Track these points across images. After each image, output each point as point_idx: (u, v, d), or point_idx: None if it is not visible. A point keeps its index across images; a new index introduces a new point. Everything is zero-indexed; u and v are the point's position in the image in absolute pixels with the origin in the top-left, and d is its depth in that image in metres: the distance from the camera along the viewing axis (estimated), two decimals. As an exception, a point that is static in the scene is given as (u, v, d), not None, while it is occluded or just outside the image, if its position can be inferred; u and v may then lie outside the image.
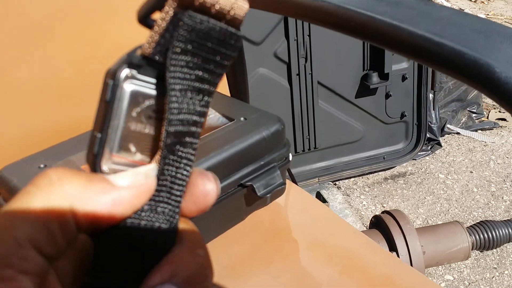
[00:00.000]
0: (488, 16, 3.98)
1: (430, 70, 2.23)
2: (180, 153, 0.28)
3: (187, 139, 0.28)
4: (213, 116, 0.89)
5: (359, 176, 2.42)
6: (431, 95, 2.39)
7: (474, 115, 2.80)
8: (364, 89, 2.19)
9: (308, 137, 2.18)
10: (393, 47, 0.43)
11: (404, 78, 2.21)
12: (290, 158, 0.88)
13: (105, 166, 0.27)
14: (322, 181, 2.27)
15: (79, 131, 0.84)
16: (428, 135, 2.40)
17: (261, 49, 2.01)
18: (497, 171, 2.46)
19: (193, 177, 0.29)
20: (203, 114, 0.28)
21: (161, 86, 0.27)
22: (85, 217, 0.25)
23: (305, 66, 2.06)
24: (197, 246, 0.28)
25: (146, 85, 0.27)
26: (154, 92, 0.27)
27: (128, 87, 0.27)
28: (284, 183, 0.86)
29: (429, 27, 0.39)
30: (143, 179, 0.27)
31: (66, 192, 0.25)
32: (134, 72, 0.27)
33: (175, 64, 0.26)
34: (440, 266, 1.92)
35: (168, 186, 0.28)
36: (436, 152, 2.58)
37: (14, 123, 0.81)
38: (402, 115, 2.30)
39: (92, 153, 0.27)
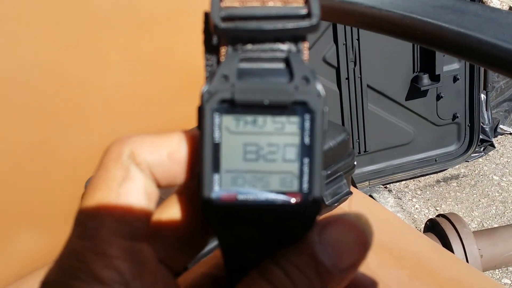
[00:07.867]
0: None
1: (482, 70, 2.18)
2: None
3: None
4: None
5: (410, 179, 2.39)
6: (483, 96, 2.34)
7: (528, 114, 2.72)
8: (415, 91, 2.17)
9: (358, 140, 2.17)
10: (460, 54, 0.44)
11: (455, 79, 2.18)
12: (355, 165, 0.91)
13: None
14: (373, 184, 2.26)
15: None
16: (480, 136, 2.36)
17: (310, 54, 2.01)
18: (554, 172, 2.39)
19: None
20: None
21: None
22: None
23: (354, 70, 2.06)
24: None
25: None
26: None
27: None
28: (351, 192, 0.88)
29: (498, 34, 0.40)
30: None
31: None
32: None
33: None
34: (497, 270, 1.87)
35: None
36: (489, 153, 2.53)
37: (92, 134, 0.84)
38: (454, 117, 2.26)
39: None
